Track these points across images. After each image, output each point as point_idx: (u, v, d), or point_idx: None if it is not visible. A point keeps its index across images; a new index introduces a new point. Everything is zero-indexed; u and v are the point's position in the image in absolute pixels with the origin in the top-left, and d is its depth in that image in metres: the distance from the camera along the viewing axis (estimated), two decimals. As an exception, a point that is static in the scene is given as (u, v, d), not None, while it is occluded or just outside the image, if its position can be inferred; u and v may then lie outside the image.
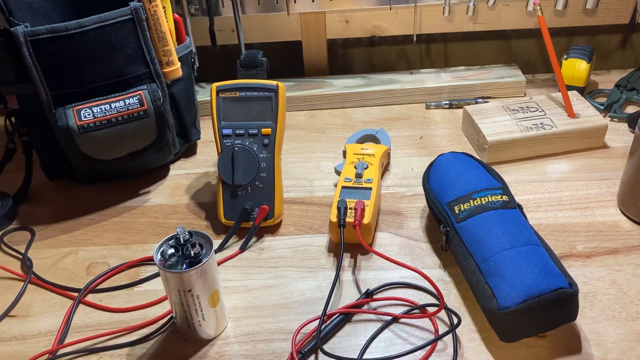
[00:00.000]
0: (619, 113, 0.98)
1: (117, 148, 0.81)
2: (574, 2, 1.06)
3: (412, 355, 0.63)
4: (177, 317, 0.65)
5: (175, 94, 0.89)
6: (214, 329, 0.66)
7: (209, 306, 0.63)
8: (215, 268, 0.63)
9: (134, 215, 0.85)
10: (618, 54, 1.14)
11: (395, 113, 1.04)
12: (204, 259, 0.60)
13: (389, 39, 1.13)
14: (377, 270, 0.74)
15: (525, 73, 1.08)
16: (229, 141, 0.79)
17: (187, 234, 0.61)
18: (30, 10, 0.77)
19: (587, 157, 0.90)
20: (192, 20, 1.05)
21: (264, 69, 0.81)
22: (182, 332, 0.66)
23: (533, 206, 0.81)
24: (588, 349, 0.63)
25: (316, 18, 1.08)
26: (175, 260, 0.61)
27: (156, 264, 0.60)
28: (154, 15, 0.80)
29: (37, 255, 0.79)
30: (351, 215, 0.74)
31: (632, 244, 0.75)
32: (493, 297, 0.62)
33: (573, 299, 0.61)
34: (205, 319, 0.64)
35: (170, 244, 0.62)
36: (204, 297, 0.62)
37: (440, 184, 0.75)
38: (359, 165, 0.82)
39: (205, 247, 0.62)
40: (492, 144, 0.88)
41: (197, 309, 0.63)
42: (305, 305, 0.70)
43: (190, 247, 0.61)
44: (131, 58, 0.80)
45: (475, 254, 0.66)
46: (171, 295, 0.62)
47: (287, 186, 0.88)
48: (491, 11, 1.08)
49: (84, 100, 0.79)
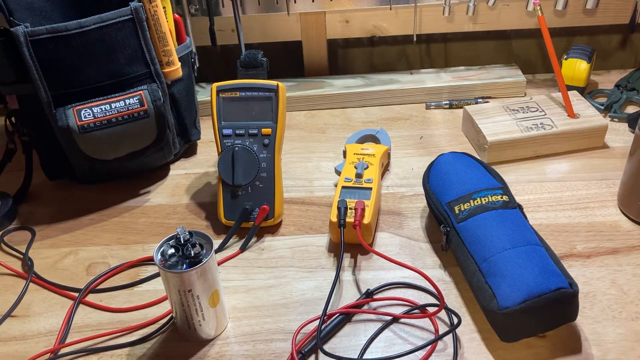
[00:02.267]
0: (619, 113, 0.98)
1: (117, 148, 0.81)
2: (574, 2, 1.06)
3: (412, 355, 0.63)
4: (177, 317, 0.65)
5: (175, 94, 0.89)
6: (214, 329, 0.66)
7: (209, 306, 0.63)
8: (216, 268, 0.63)
9: (134, 215, 0.85)
10: (618, 54, 1.14)
11: (395, 113, 1.04)
12: (204, 259, 0.60)
13: (389, 39, 1.13)
14: (377, 270, 0.74)
15: (525, 73, 1.08)
16: (229, 141, 0.79)
17: (188, 234, 0.61)
18: (31, 10, 0.77)
19: (587, 157, 0.90)
20: (192, 20, 1.05)
21: (264, 69, 0.81)
22: (182, 332, 0.66)
23: (533, 206, 0.81)
24: (588, 349, 0.63)
25: (316, 18, 1.08)
26: (176, 261, 0.61)
27: (156, 264, 0.60)
28: (154, 15, 0.80)
29: (37, 255, 0.79)
30: (351, 215, 0.74)
31: (632, 244, 0.75)
32: (493, 297, 0.62)
33: (573, 299, 0.61)
34: (206, 319, 0.64)
35: (171, 244, 0.62)
36: (204, 297, 0.62)
37: (440, 184, 0.75)
38: (359, 165, 0.82)
39: (206, 247, 0.62)
40: (492, 144, 0.88)
41: (197, 309, 0.63)
42: (305, 305, 0.70)
43: (190, 247, 0.61)
44: (131, 58, 0.80)
45: (476, 254, 0.66)
46: (171, 295, 0.62)
47: (287, 186, 0.88)
48: (491, 11, 1.08)
49: (84, 100, 0.79)
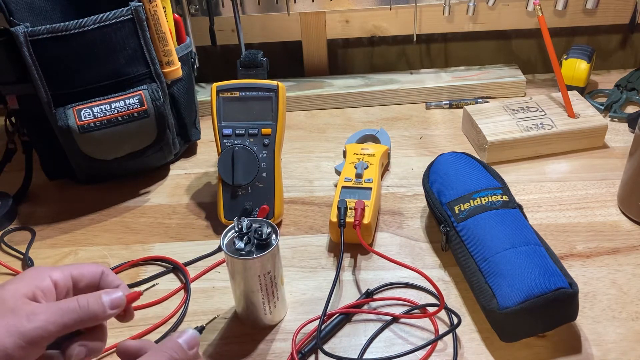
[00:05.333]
0: (619, 113, 0.98)
1: (117, 148, 0.81)
2: (574, 2, 1.06)
3: (412, 355, 0.63)
4: (254, 307, 0.65)
5: (175, 94, 0.89)
6: (285, 308, 0.69)
7: (281, 285, 0.66)
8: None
9: (134, 215, 0.85)
10: (618, 54, 1.14)
11: (395, 113, 1.04)
12: (274, 237, 0.62)
13: (389, 39, 1.13)
14: (377, 270, 0.74)
15: (525, 73, 1.08)
16: (229, 141, 0.79)
17: (248, 221, 0.62)
18: (31, 10, 0.77)
19: (587, 157, 0.90)
20: (192, 20, 1.05)
21: (264, 69, 0.81)
22: (253, 322, 0.67)
23: (533, 206, 0.81)
24: (588, 349, 0.63)
25: (316, 18, 1.08)
26: (245, 250, 0.61)
27: (235, 257, 0.60)
28: (154, 15, 0.80)
29: (37, 255, 0.79)
30: (351, 215, 0.74)
31: (632, 244, 0.75)
32: (493, 297, 0.62)
33: (573, 299, 0.61)
34: (280, 298, 0.66)
35: (233, 236, 0.63)
36: (279, 276, 0.64)
37: (440, 184, 0.75)
38: (359, 165, 0.82)
39: (267, 226, 0.62)
40: (492, 144, 0.88)
41: (274, 290, 0.64)
42: (305, 305, 0.70)
43: (259, 232, 0.61)
44: (131, 58, 0.80)
45: (476, 253, 0.66)
46: (249, 285, 0.62)
47: (287, 186, 0.88)
48: (491, 11, 1.08)
49: (84, 100, 0.79)
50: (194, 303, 0.71)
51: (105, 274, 0.51)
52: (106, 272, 0.51)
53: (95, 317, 0.47)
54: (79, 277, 0.49)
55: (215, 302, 0.71)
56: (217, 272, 0.75)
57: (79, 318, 0.46)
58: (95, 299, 0.47)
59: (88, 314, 0.46)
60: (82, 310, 0.46)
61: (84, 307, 0.46)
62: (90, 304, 0.46)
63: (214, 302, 0.71)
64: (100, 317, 0.47)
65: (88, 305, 0.46)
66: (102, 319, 0.47)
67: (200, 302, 0.72)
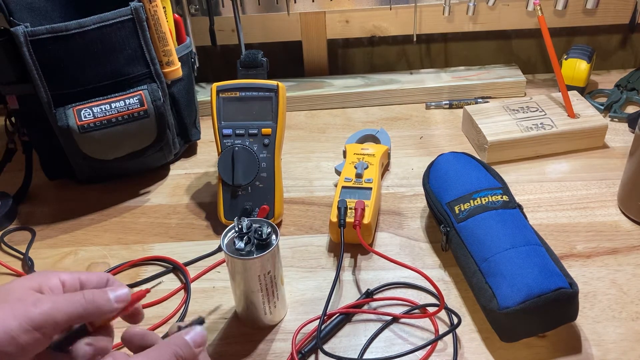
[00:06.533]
0: (619, 113, 0.98)
1: (117, 148, 0.81)
2: (574, 2, 1.06)
3: (412, 355, 0.63)
4: (254, 307, 0.65)
5: (175, 94, 0.89)
6: (285, 308, 0.69)
7: (281, 285, 0.66)
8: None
9: (134, 215, 0.85)
10: (618, 54, 1.14)
11: (395, 113, 1.04)
12: (275, 236, 0.62)
13: (389, 39, 1.13)
14: (377, 270, 0.74)
15: (525, 73, 1.08)
16: (229, 141, 0.79)
17: (248, 221, 0.62)
18: (31, 10, 0.77)
19: (587, 157, 0.90)
20: (192, 20, 1.05)
21: (264, 69, 0.81)
22: (253, 322, 0.67)
23: (533, 206, 0.81)
24: (588, 349, 0.63)
25: (316, 18, 1.08)
26: (245, 250, 0.61)
27: (235, 257, 0.60)
28: (154, 15, 0.80)
29: (37, 255, 0.79)
30: (351, 215, 0.74)
31: (632, 244, 0.75)
32: (493, 297, 0.62)
33: (573, 299, 0.61)
34: (280, 298, 0.66)
35: (233, 236, 0.63)
36: (279, 276, 0.64)
37: (440, 184, 0.75)
38: (359, 165, 0.82)
39: (267, 226, 0.62)
40: (492, 144, 0.88)
41: (274, 290, 0.64)
42: (305, 305, 0.70)
43: (259, 232, 0.61)
44: (131, 58, 0.80)
45: (476, 253, 0.66)
46: (249, 285, 0.62)
47: (287, 186, 0.88)
48: (491, 11, 1.08)
49: (84, 100, 0.79)
50: (194, 303, 0.71)
51: (111, 280, 0.51)
52: (112, 280, 0.51)
53: (101, 310, 0.47)
54: (86, 281, 0.50)
55: (215, 302, 0.71)
56: (217, 272, 0.75)
57: (84, 309, 0.46)
58: (100, 292, 0.47)
59: (93, 305, 0.46)
60: (87, 301, 0.46)
61: (89, 298, 0.46)
62: (95, 296, 0.47)
63: (214, 302, 0.71)
64: (106, 309, 0.47)
65: (93, 297, 0.46)
66: (107, 312, 0.47)
67: (201, 302, 0.72)
